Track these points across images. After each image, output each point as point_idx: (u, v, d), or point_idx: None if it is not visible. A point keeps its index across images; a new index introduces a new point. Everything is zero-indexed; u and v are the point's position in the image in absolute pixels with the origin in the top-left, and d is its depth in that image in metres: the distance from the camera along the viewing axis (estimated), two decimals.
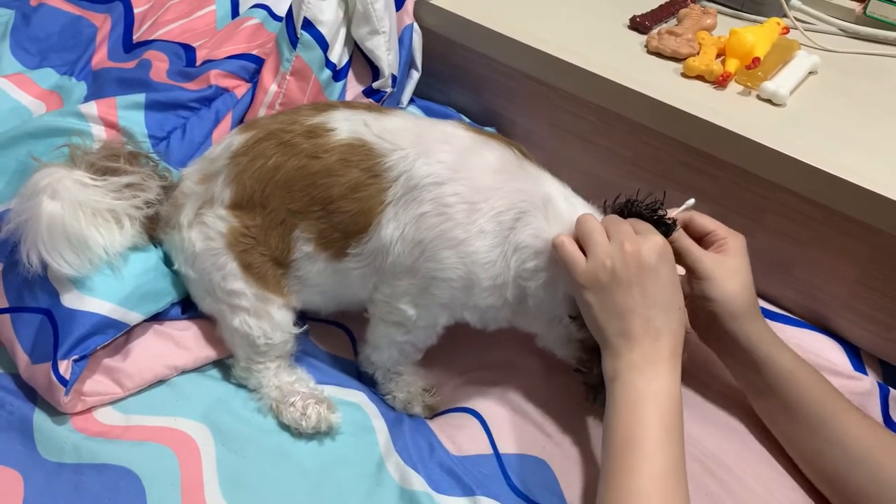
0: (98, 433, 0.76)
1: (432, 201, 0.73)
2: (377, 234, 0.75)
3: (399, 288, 0.77)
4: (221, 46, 1.04)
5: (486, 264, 0.74)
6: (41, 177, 0.75)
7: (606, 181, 1.03)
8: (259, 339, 0.79)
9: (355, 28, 1.00)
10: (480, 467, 0.77)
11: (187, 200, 0.81)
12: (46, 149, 0.87)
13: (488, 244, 0.74)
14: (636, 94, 0.93)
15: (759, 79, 0.94)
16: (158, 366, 0.80)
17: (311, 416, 0.76)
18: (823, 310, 0.93)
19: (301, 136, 0.77)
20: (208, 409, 0.78)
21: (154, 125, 0.93)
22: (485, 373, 0.87)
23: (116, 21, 1.15)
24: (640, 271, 0.68)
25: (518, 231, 0.73)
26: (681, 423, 0.67)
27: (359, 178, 0.75)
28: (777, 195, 0.88)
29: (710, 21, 1.06)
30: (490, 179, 0.74)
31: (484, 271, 0.74)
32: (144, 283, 0.80)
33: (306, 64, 0.95)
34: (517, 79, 1.07)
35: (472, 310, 0.79)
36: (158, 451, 0.74)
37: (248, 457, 0.75)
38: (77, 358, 0.75)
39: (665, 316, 0.69)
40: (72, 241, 0.74)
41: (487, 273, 0.74)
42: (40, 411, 0.77)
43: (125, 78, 1.00)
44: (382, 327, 0.81)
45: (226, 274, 0.78)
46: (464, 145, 0.76)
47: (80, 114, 0.91)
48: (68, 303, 0.76)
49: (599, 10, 1.11)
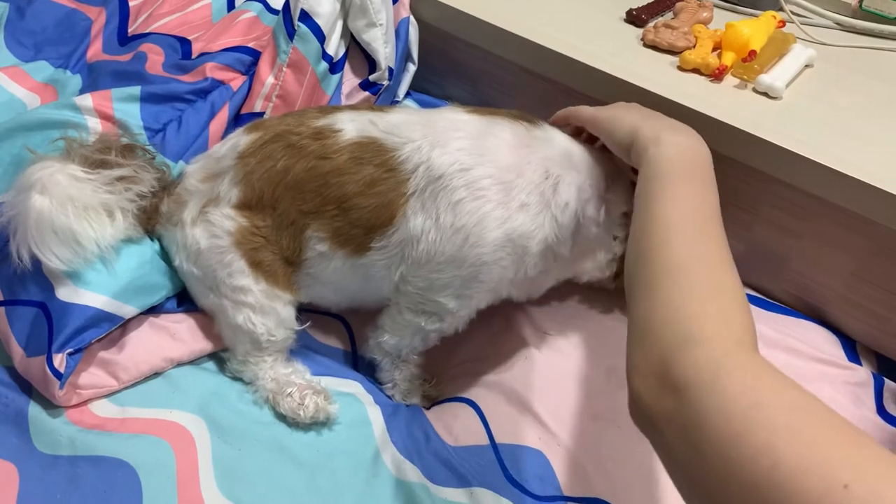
0: (93, 426, 0.76)
1: (466, 187, 0.74)
2: (404, 225, 0.76)
3: (439, 280, 0.77)
4: (217, 39, 1.03)
5: (535, 230, 0.76)
6: (33, 171, 0.75)
7: None
8: (262, 336, 0.79)
9: (352, 20, 0.99)
10: (477, 458, 0.77)
11: (191, 198, 0.81)
12: (42, 141, 0.87)
13: (532, 214, 0.75)
14: (633, 87, 0.93)
15: (755, 72, 0.94)
16: (154, 358, 0.80)
17: (308, 407, 0.76)
18: (819, 302, 0.93)
19: (309, 139, 0.77)
20: (204, 401, 0.79)
21: (150, 117, 0.93)
22: (481, 363, 0.87)
23: (111, 14, 1.15)
24: None
25: (560, 193, 0.76)
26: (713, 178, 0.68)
27: (374, 173, 0.75)
28: (773, 188, 0.88)
29: (707, 14, 1.06)
30: (513, 156, 0.76)
31: (533, 239, 0.76)
32: (140, 277, 0.80)
33: (303, 56, 0.95)
34: (513, 72, 1.07)
35: (518, 285, 0.81)
36: (154, 443, 0.74)
37: (243, 449, 0.75)
38: (72, 351, 0.75)
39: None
40: (61, 236, 0.74)
41: (537, 238, 0.76)
42: (35, 404, 0.77)
43: (121, 71, 1.00)
44: (410, 316, 0.81)
45: (232, 271, 0.78)
46: (474, 129, 0.78)
47: (76, 106, 0.91)
48: (63, 296, 0.76)
49: (596, 3, 1.11)
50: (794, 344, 0.87)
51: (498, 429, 0.80)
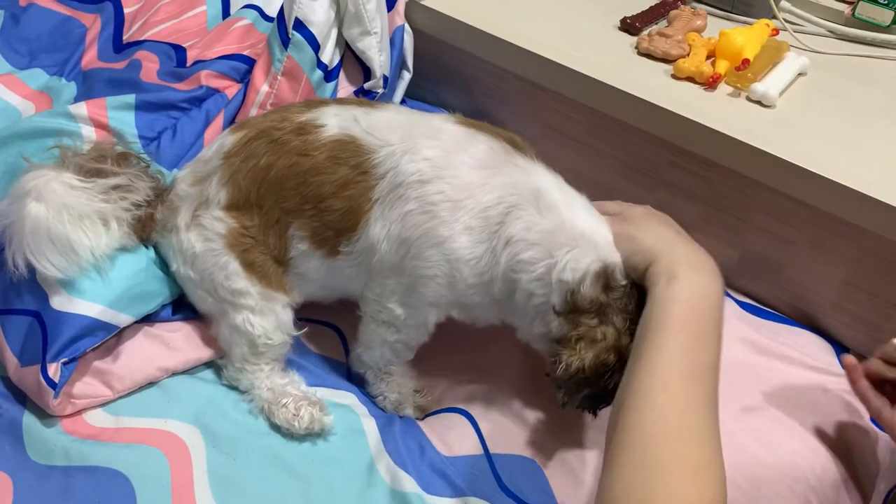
0: (88, 435, 0.76)
1: (417, 199, 0.73)
2: (366, 233, 0.76)
3: (387, 287, 0.78)
4: (212, 47, 1.03)
5: (471, 261, 0.74)
6: (28, 179, 0.75)
7: (597, 181, 1.03)
8: (259, 339, 0.79)
9: (347, 29, 0.99)
10: (471, 468, 0.77)
11: (182, 203, 0.81)
12: (37, 150, 0.86)
13: (474, 240, 0.73)
14: (626, 96, 0.93)
15: (748, 80, 0.94)
16: (149, 368, 0.80)
17: (303, 418, 0.76)
18: (812, 309, 0.93)
19: (291, 134, 0.77)
20: (199, 410, 0.79)
21: (144, 126, 0.93)
22: (475, 374, 0.88)
23: (106, 21, 1.15)
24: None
25: (508, 225, 0.73)
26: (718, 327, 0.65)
27: (348, 175, 0.75)
28: (766, 196, 0.89)
29: (700, 23, 1.07)
30: (474, 176, 0.74)
31: (469, 268, 0.74)
32: (135, 285, 0.80)
33: (297, 64, 0.95)
34: (508, 80, 1.07)
35: (459, 307, 0.79)
36: (149, 453, 0.74)
37: (238, 458, 0.75)
38: (66, 360, 0.75)
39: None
40: (56, 244, 0.74)
41: (473, 270, 0.74)
42: (30, 414, 0.77)
43: (115, 78, 1.00)
44: (373, 326, 0.81)
45: (229, 273, 0.78)
46: (451, 141, 0.76)
47: (70, 114, 0.91)
48: (57, 305, 0.76)
49: (589, 12, 1.11)
50: (787, 351, 0.88)
51: (492, 439, 0.80)
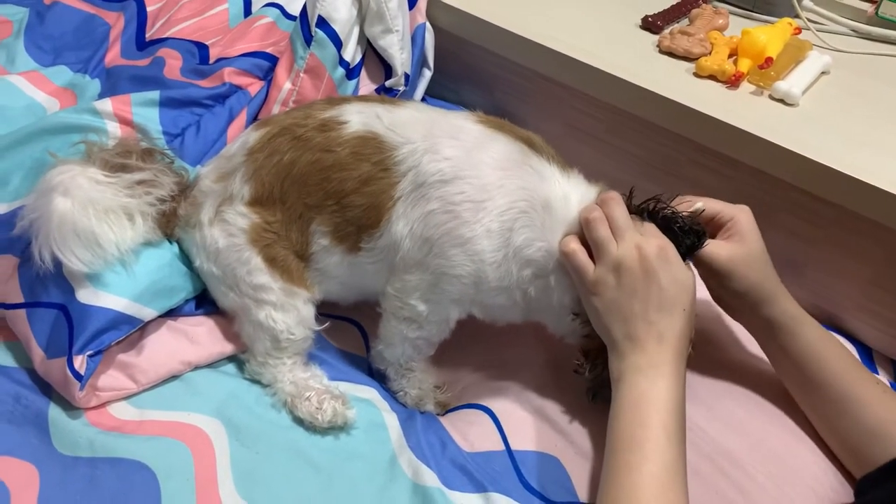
0: (112, 427, 0.76)
1: (439, 199, 0.74)
2: (388, 229, 0.76)
3: (409, 283, 0.78)
4: (234, 44, 1.04)
5: (493, 264, 0.75)
6: (55, 174, 0.76)
7: (619, 179, 1.02)
8: (282, 334, 0.79)
9: (368, 26, 1.00)
10: (492, 464, 0.77)
11: (206, 199, 0.81)
12: (62, 145, 0.88)
13: (495, 244, 0.74)
14: (649, 94, 0.93)
15: (771, 78, 0.94)
16: (172, 361, 0.81)
17: (326, 411, 0.76)
18: (835, 309, 0.93)
19: (314, 130, 0.78)
20: (222, 404, 0.79)
21: (168, 122, 0.94)
22: (496, 370, 0.88)
23: (129, 19, 1.16)
24: (645, 277, 0.70)
25: (516, 233, 0.74)
26: (682, 425, 0.68)
27: (370, 171, 0.76)
28: (789, 194, 0.88)
29: (722, 21, 1.06)
30: (493, 176, 0.74)
31: (492, 271, 0.75)
32: (159, 280, 0.81)
33: (320, 62, 0.96)
34: (529, 78, 1.07)
35: (481, 306, 0.80)
36: (172, 445, 0.74)
37: (261, 452, 0.76)
38: (92, 353, 0.76)
39: (669, 319, 0.70)
40: (82, 238, 0.75)
41: (495, 273, 0.75)
42: (55, 406, 0.77)
43: (139, 75, 1.01)
44: (394, 323, 0.81)
45: (251, 269, 0.79)
46: (471, 140, 0.76)
47: (96, 110, 0.92)
48: (83, 298, 0.77)
49: (611, 10, 1.11)
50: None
51: (513, 435, 0.80)
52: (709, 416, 0.81)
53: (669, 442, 0.66)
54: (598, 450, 0.78)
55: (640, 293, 0.70)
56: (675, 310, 0.70)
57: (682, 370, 0.70)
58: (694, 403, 0.79)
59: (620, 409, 0.69)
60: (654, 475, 0.64)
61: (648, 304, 0.70)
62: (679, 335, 0.70)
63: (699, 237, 0.73)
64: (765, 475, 0.76)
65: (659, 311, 0.70)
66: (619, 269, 0.70)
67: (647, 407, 0.67)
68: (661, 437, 0.66)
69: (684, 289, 0.71)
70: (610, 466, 0.67)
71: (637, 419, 0.67)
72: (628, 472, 0.65)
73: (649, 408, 0.67)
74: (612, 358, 0.72)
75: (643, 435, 0.66)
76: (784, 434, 0.80)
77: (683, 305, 0.71)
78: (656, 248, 0.70)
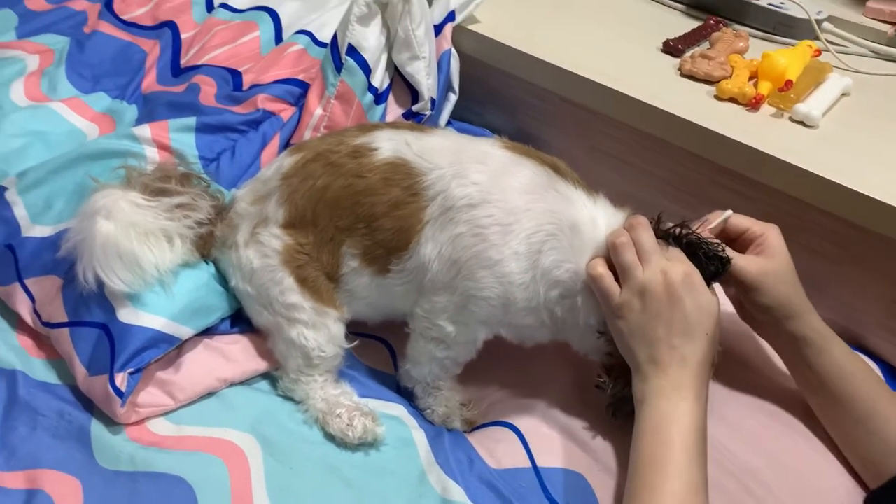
0: (152, 443, 0.79)
1: (467, 223, 0.76)
2: (417, 252, 0.78)
3: (438, 304, 0.80)
4: (267, 71, 1.08)
5: (521, 285, 0.77)
6: (98, 198, 0.79)
7: (642, 201, 1.03)
8: (314, 352, 0.82)
9: (396, 53, 1.03)
10: (519, 480, 0.79)
11: (242, 221, 0.84)
12: (103, 170, 0.91)
13: (523, 266, 0.76)
14: (670, 116, 0.95)
15: (791, 101, 0.96)
16: (208, 378, 0.83)
17: (356, 428, 0.78)
18: (858, 328, 0.93)
19: (346, 156, 0.80)
20: (256, 420, 0.81)
21: (204, 147, 0.97)
22: (522, 387, 0.89)
23: (165, 46, 1.20)
24: (670, 301, 0.71)
25: (544, 255, 0.76)
26: (704, 446, 0.70)
27: (399, 196, 0.78)
28: (811, 215, 0.89)
29: (742, 44, 1.08)
30: (520, 200, 0.76)
31: (520, 292, 0.77)
32: (196, 299, 0.83)
33: (350, 88, 0.99)
34: (552, 101, 1.09)
35: (508, 327, 0.82)
36: (209, 460, 0.77)
37: (294, 467, 0.78)
38: (132, 371, 0.78)
39: (691, 344, 0.71)
40: (124, 260, 0.78)
41: (523, 295, 0.77)
42: (97, 421, 0.80)
43: (175, 101, 1.05)
44: (422, 343, 0.83)
45: (284, 289, 0.81)
46: (498, 165, 0.79)
47: (135, 136, 0.96)
48: (124, 318, 0.80)
49: (632, 35, 1.13)
50: None
51: (539, 452, 0.81)
52: (732, 433, 0.82)
53: (691, 462, 0.67)
54: (623, 467, 0.80)
55: (664, 317, 0.71)
56: (698, 334, 0.72)
57: (705, 393, 0.72)
58: (717, 421, 0.80)
59: (643, 430, 0.71)
60: (676, 494, 0.66)
61: (672, 329, 0.71)
62: (701, 359, 0.72)
63: (723, 264, 0.75)
64: (788, 493, 0.77)
65: (682, 336, 0.71)
66: (644, 294, 0.72)
67: (669, 428, 0.69)
68: (683, 457, 0.67)
69: (708, 314, 0.72)
70: (633, 485, 0.69)
71: (659, 440, 0.69)
72: (650, 491, 0.67)
73: (671, 429, 0.69)
74: (636, 380, 0.74)
75: (665, 455, 0.68)
76: (808, 451, 0.81)
77: (706, 330, 0.72)
78: (681, 274, 0.72)
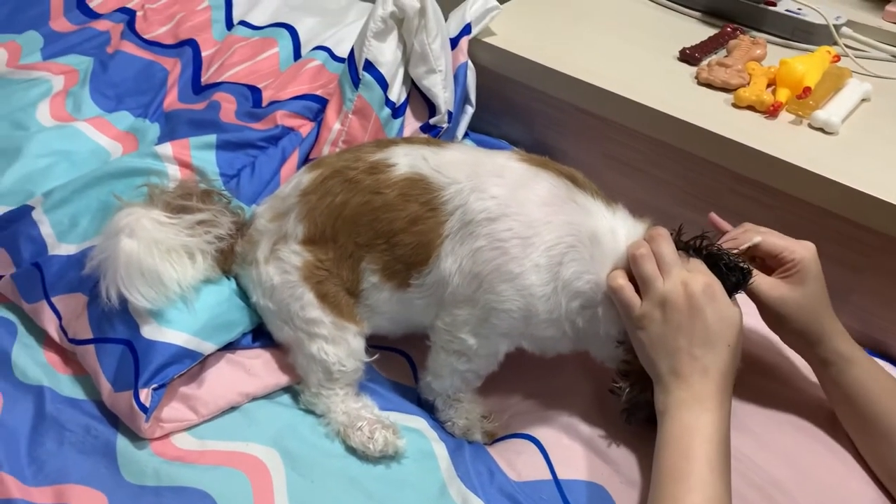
0: (176, 457, 0.79)
1: (487, 236, 0.76)
2: (437, 266, 0.79)
3: (459, 317, 0.80)
4: (286, 87, 1.09)
5: (542, 297, 0.77)
6: (121, 216, 0.80)
7: (659, 210, 1.04)
8: (334, 366, 0.82)
9: (413, 67, 1.04)
10: (540, 493, 0.79)
11: (262, 237, 0.85)
12: (126, 188, 0.92)
13: (544, 278, 0.76)
14: (688, 125, 0.95)
15: (810, 108, 0.95)
16: (231, 393, 0.84)
17: (377, 440, 0.79)
18: (881, 335, 0.92)
19: (364, 173, 0.81)
20: (278, 434, 0.82)
21: (225, 164, 0.98)
22: (543, 399, 0.89)
23: (186, 64, 1.22)
24: (690, 312, 0.71)
25: (565, 266, 0.76)
26: (726, 457, 0.69)
27: (418, 211, 0.79)
28: (832, 223, 0.89)
29: (760, 51, 1.08)
30: (539, 213, 0.77)
31: (541, 304, 0.77)
32: (218, 315, 0.85)
33: (367, 103, 1.00)
34: (569, 112, 1.10)
35: (530, 339, 0.82)
36: (232, 474, 0.77)
37: (316, 480, 0.78)
38: (156, 386, 0.79)
39: (713, 355, 0.71)
40: (147, 277, 0.79)
41: (544, 307, 0.77)
42: (122, 436, 0.81)
43: (196, 119, 1.06)
44: (444, 356, 0.84)
45: (304, 304, 0.82)
46: (516, 178, 0.79)
47: (157, 154, 0.97)
48: (147, 334, 0.81)
49: (648, 44, 1.13)
50: None
51: (560, 464, 0.81)
52: (757, 445, 0.81)
53: (713, 474, 0.67)
54: (645, 479, 0.79)
55: (684, 328, 0.71)
56: (719, 345, 0.71)
57: (727, 404, 0.71)
58: (742, 433, 0.80)
59: (665, 442, 0.70)
60: None
61: (693, 340, 0.71)
62: (723, 370, 0.71)
63: (744, 275, 0.74)
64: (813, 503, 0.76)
65: (703, 347, 0.71)
66: (664, 305, 0.72)
67: (692, 440, 0.69)
68: (705, 469, 0.67)
69: (730, 325, 0.72)
70: (655, 498, 0.68)
71: (681, 451, 0.69)
72: (672, 502, 0.66)
73: (693, 441, 0.69)
74: (658, 391, 0.73)
75: (687, 467, 0.67)
76: (835, 464, 0.80)
77: (728, 341, 0.72)
78: (702, 285, 0.72)
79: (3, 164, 1.01)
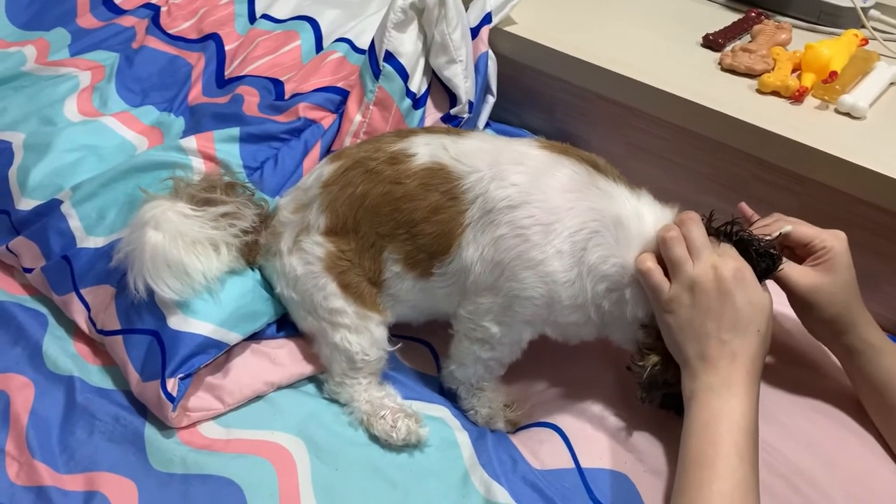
0: (202, 446, 0.81)
1: (508, 224, 0.76)
2: (458, 255, 0.79)
3: (482, 306, 0.80)
4: (308, 80, 1.10)
5: (566, 283, 0.77)
6: (147, 209, 0.82)
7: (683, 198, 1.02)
8: (357, 355, 0.83)
9: (433, 58, 1.04)
10: (563, 481, 0.79)
11: (285, 229, 0.86)
12: (152, 181, 0.94)
13: (566, 264, 0.76)
14: (712, 112, 0.94)
15: (836, 92, 0.94)
16: (256, 382, 0.85)
17: (400, 429, 0.79)
18: None
19: (384, 164, 0.81)
20: (302, 422, 0.83)
21: (248, 156, 0.99)
22: (566, 387, 0.89)
23: (209, 59, 1.23)
24: (720, 297, 0.71)
25: (589, 252, 0.76)
26: (754, 444, 0.68)
27: (438, 200, 0.79)
28: (860, 209, 0.87)
29: (785, 36, 1.06)
30: (561, 199, 0.76)
31: (565, 290, 0.77)
32: (243, 305, 0.86)
33: (388, 94, 1.00)
34: (590, 100, 1.09)
35: (553, 325, 0.82)
36: (257, 463, 0.79)
37: (340, 468, 0.79)
38: (183, 376, 0.81)
39: (741, 339, 0.70)
40: (173, 268, 0.81)
41: (568, 292, 0.77)
42: (150, 425, 0.83)
43: (220, 112, 1.07)
44: (467, 344, 0.84)
45: (327, 294, 0.83)
46: (537, 165, 0.79)
47: (182, 148, 0.98)
48: (174, 325, 0.82)
49: (671, 30, 1.12)
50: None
51: (583, 452, 0.81)
52: (782, 433, 0.80)
53: (741, 461, 0.66)
54: (669, 468, 0.79)
55: (713, 312, 0.71)
56: (748, 330, 0.70)
57: (755, 390, 0.71)
58: (769, 422, 0.79)
59: (692, 428, 0.70)
60: (725, 493, 0.65)
61: (722, 324, 0.70)
62: (753, 356, 0.70)
63: (774, 261, 0.73)
64: (843, 495, 0.75)
65: (732, 331, 0.70)
66: (693, 289, 0.71)
67: (719, 426, 0.68)
68: (733, 455, 0.66)
69: (760, 310, 0.71)
70: (681, 484, 0.68)
71: (708, 437, 0.68)
72: (699, 489, 0.66)
73: (721, 426, 0.68)
74: (685, 377, 0.73)
75: (714, 453, 0.67)
76: (864, 454, 0.79)
77: (758, 326, 0.71)
78: (733, 269, 0.71)
79: (33, 159, 1.02)
